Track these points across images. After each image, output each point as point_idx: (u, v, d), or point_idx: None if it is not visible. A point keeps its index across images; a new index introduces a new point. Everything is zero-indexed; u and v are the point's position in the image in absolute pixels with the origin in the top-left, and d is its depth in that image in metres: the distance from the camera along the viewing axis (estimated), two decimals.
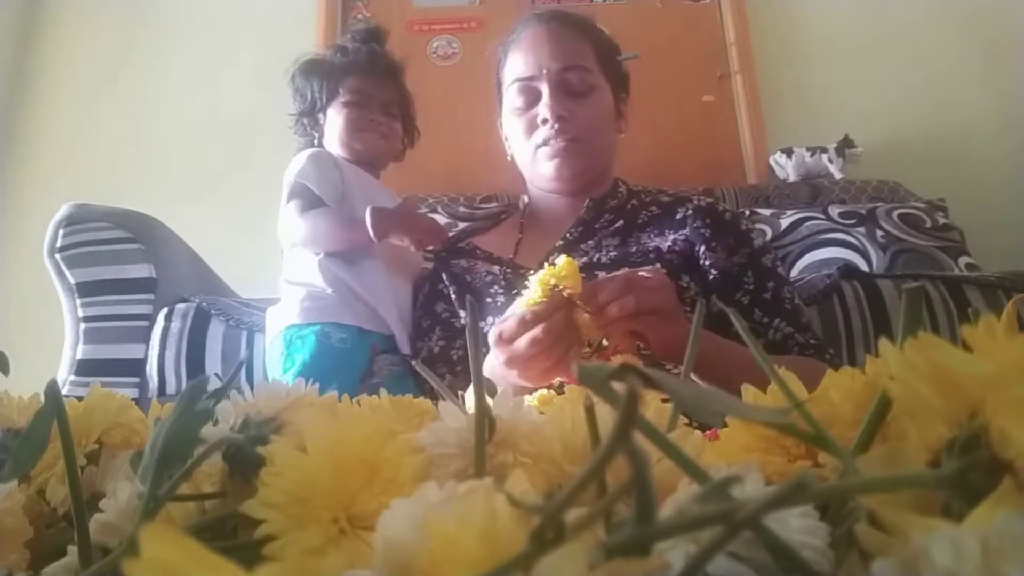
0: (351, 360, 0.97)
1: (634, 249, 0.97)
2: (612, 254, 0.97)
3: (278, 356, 0.97)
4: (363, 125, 1.08)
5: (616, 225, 1.02)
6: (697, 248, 0.96)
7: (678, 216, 1.00)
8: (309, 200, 1.02)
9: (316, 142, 1.12)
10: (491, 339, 0.67)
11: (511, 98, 1.06)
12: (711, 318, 0.84)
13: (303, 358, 0.94)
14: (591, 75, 1.03)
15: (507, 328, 0.65)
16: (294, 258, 1.06)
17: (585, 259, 0.97)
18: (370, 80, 1.10)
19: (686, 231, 0.98)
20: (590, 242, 1.00)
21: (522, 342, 0.63)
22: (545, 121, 1.01)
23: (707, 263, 0.95)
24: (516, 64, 1.05)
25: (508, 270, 1.01)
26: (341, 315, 0.98)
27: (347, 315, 0.98)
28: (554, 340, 0.63)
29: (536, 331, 0.63)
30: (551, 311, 0.64)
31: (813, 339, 0.92)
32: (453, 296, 1.03)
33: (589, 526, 0.15)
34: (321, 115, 1.11)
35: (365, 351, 0.99)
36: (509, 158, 1.12)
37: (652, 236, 0.99)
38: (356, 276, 1.01)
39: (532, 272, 0.99)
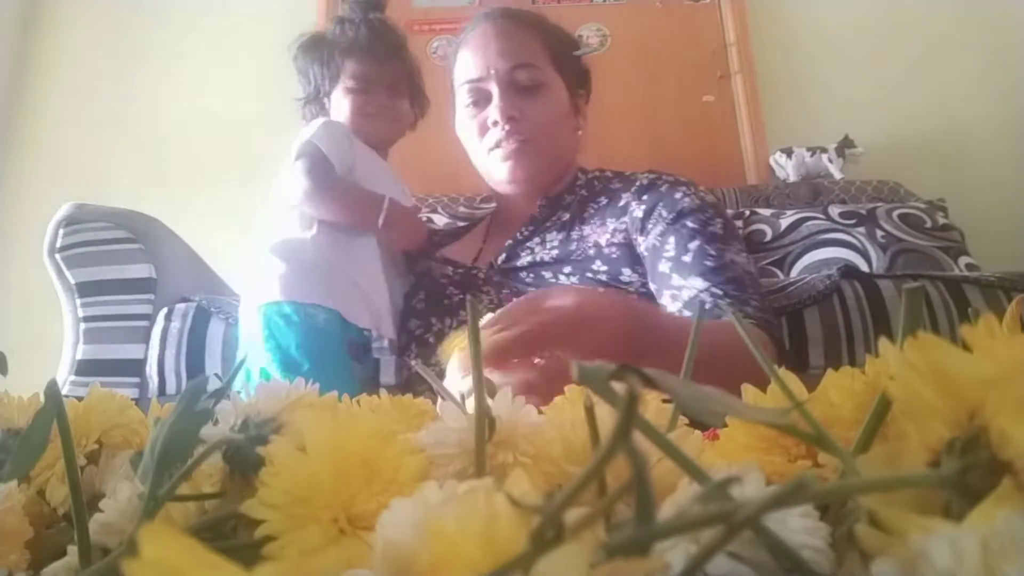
0: (339, 342, 0.92)
1: (574, 247, 0.94)
2: (554, 252, 0.94)
3: (257, 332, 0.92)
4: (369, 111, 1.05)
5: (563, 219, 0.99)
6: (633, 237, 0.91)
7: (621, 203, 0.96)
8: (318, 162, 0.97)
9: None
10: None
11: (462, 100, 1.03)
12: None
13: (295, 340, 0.89)
14: (542, 72, 1.00)
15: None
16: (283, 228, 1.00)
17: (530, 257, 0.96)
18: (372, 62, 1.05)
19: (625, 219, 0.93)
20: (536, 239, 0.98)
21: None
22: (496, 123, 0.98)
23: (643, 250, 0.89)
24: (465, 65, 1.03)
25: (459, 271, 0.99)
26: (323, 298, 0.92)
27: (329, 299, 0.93)
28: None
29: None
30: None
31: (735, 290, 0.79)
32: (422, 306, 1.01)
33: (589, 526, 0.14)
34: (326, 100, 1.08)
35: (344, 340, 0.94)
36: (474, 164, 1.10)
37: (595, 229, 0.95)
38: (349, 257, 0.97)
39: (482, 272, 0.97)
